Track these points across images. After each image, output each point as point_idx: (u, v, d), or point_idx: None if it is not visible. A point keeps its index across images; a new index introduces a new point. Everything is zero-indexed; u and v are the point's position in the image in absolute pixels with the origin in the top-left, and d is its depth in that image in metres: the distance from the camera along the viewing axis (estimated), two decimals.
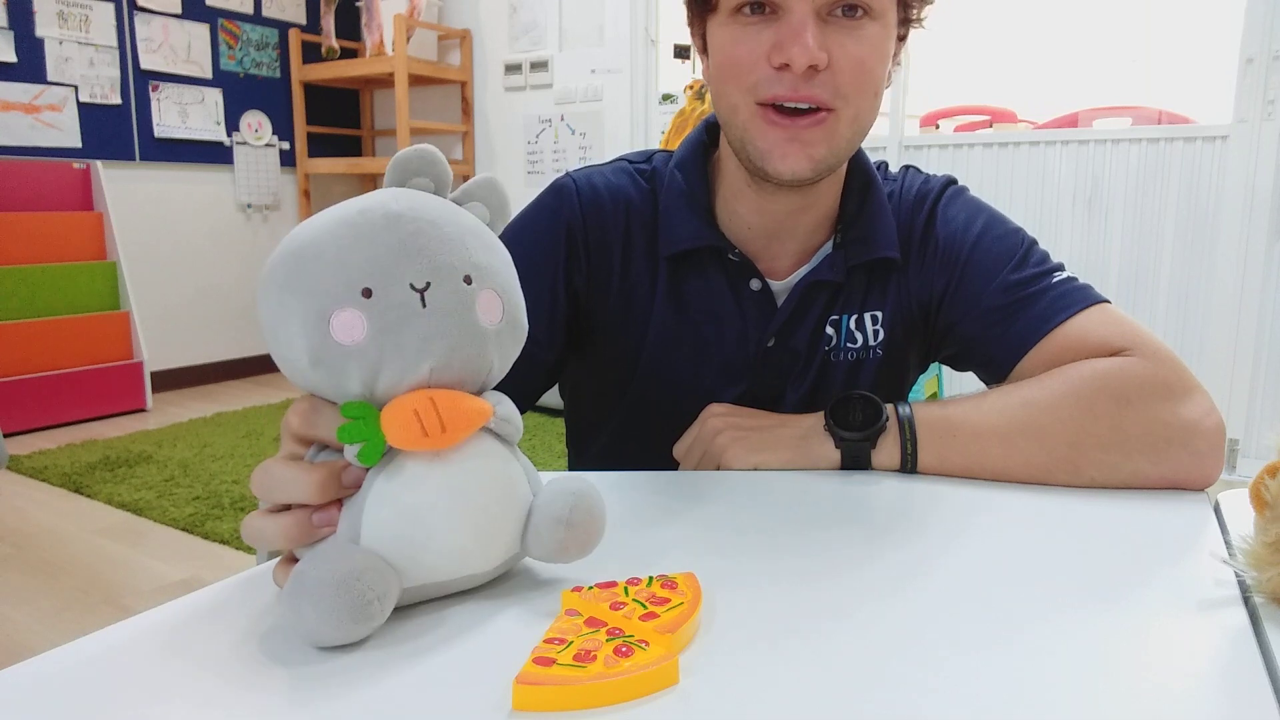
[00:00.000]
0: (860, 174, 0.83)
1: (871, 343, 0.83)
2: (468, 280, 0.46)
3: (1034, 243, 0.81)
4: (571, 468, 0.95)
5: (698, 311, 0.81)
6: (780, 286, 0.81)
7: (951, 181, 0.86)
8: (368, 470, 0.45)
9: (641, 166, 0.85)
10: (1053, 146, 3.03)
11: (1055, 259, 0.80)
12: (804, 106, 0.70)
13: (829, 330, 0.82)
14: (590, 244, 0.81)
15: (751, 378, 0.81)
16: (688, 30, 0.79)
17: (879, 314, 0.82)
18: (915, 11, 0.75)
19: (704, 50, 0.77)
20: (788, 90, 0.68)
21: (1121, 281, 2.96)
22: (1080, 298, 0.76)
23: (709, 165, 0.83)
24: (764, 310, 0.81)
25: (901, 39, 0.75)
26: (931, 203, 0.84)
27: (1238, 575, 0.49)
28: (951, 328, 0.82)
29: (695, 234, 0.79)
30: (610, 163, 0.86)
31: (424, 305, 0.45)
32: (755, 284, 0.80)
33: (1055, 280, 0.77)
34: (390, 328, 0.44)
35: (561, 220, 0.81)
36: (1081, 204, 3.00)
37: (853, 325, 0.82)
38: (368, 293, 0.44)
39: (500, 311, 0.48)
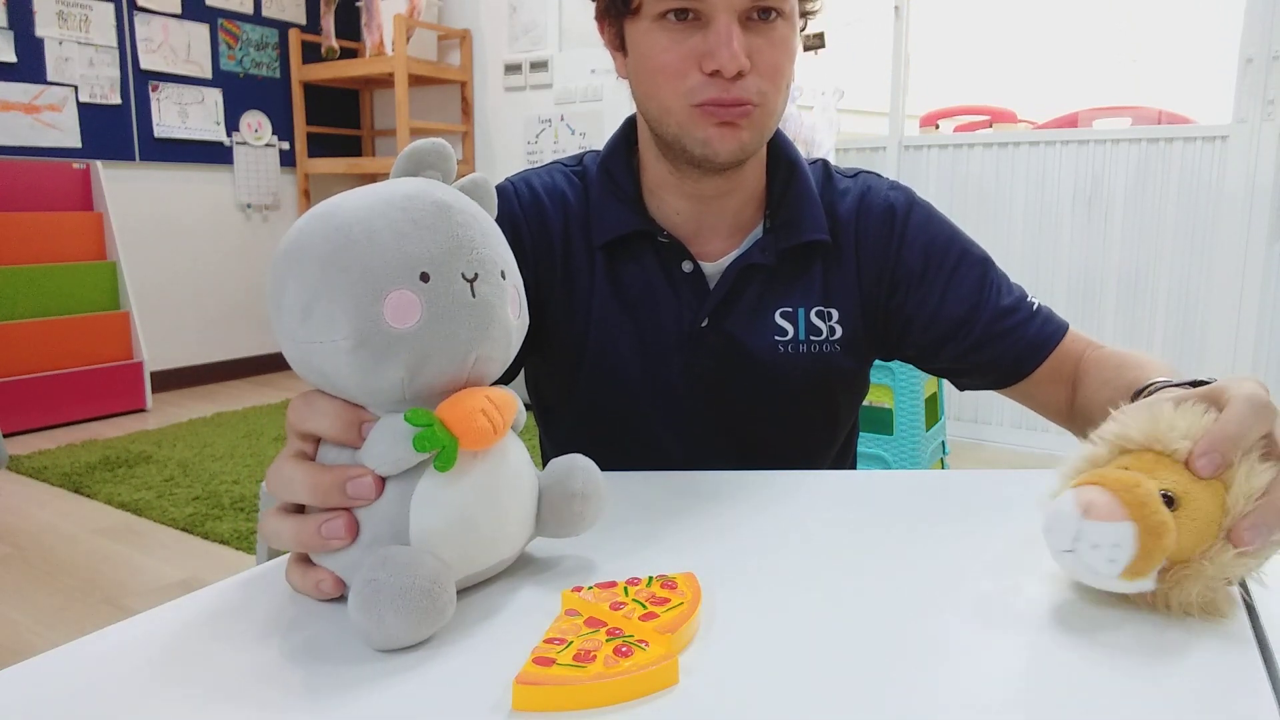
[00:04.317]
0: (783, 158, 0.87)
1: (832, 337, 0.85)
2: (503, 275, 0.48)
3: (993, 262, 0.89)
4: (545, 457, 0.98)
5: (634, 295, 0.85)
6: (712, 269, 0.85)
7: (907, 190, 0.91)
8: (383, 481, 0.45)
9: (574, 167, 0.91)
10: (1053, 146, 3.02)
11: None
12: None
13: (781, 322, 0.84)
14: (535, 242, 0.86)
15: (686, 357, 0.84)
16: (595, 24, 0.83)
17: (834, 311, 0.86)
18: (811, 4, 0.81)
19: (618, 48, 0.81)
20: (719, 93, 0.74)
21: (1121, 281, 2.96)
22: (1058, 319, 0.87)
23: (634, 160, 0.88)
24: (697, 291, 0.84)
25: (802, 29, 0.82)
26: (904, 214, 0.87)
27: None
28: (941, 344, 0.86)
29: (624, 220, 0.84)
30: (544, 166, 0.92)
31: (474, 296, 0.45)
32: (687, 266, 0.84)
33: (1035, 306, 0.87)
34: (444, 315, 0.44)
35: (505, 222, 0.85)
36: (1081, 204, 3.00)
37: (814, 318, 0.85)
38: (425, 277, 0.44)
39: (519, 307, 0.50)
